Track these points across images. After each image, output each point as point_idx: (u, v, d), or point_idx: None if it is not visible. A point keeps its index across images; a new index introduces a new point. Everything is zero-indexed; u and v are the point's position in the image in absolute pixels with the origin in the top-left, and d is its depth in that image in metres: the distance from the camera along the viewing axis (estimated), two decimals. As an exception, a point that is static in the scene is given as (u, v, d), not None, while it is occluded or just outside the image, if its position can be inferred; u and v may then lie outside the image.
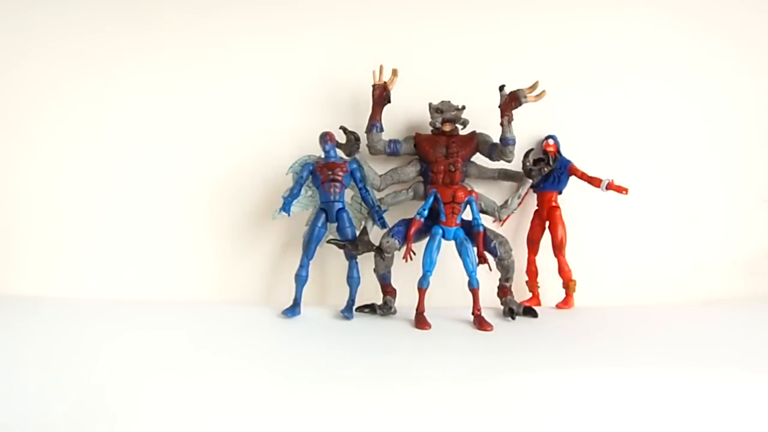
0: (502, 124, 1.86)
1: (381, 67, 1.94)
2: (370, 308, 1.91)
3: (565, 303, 2.03)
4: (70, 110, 2.11)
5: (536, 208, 2.08)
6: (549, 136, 2.06)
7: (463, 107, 1.97)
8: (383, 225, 1.95)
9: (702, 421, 1.12)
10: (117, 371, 1.33)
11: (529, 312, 1.91)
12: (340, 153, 1.93)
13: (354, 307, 1.89)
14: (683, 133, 2.20)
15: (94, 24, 2.10)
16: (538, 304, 2.06)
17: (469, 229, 1.86)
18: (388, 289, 1.94)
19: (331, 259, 2.06)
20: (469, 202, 1.85)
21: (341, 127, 1.93)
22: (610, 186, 1.94)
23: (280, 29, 2.12)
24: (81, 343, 1.55)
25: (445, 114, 1.95)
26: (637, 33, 2.17)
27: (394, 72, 1.94)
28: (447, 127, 1.95)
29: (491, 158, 1.95)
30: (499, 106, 1.86)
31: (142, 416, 1.10)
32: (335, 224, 1.90)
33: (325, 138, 1.90)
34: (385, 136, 1.98)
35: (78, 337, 1.60)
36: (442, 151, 1.95)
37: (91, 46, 2.10)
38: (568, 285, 2.03)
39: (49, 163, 2.12)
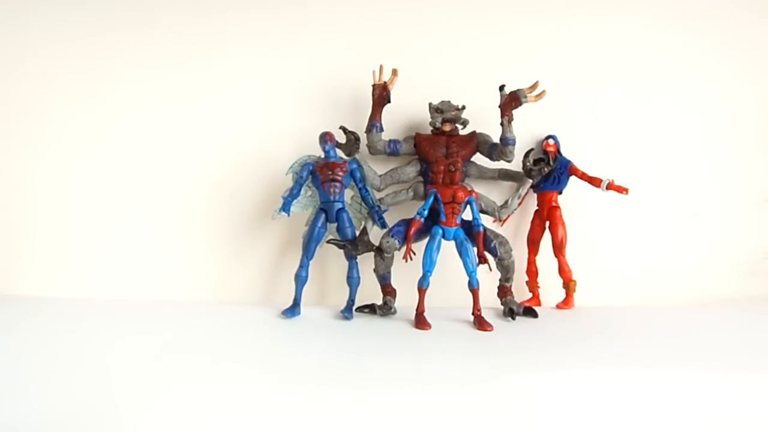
0: (502, 124, 1.85)
1: (381, 67, 1.94)
2: (370, 308, 1.91)
3: (566, 303, 2.03)
4: (72, 112, 2.11)
5: (536, 208, 2.08)
6: (549, 136, 2.05)
7: (463, 107, 1.97)
8: (383, 225, 1.95)
9: (702, 420, 1.12)
10: (117, 371, 1.32)
11: (529, 312, 1.91)
12: (340, 153, 1.93)
13: (354, 308, 1.89)
14: (683, 133, 2.20)
15: (96, 27, 2.10)
16: (539, 304, 2.06)
17: (469, 229, 1.86)
18: (388, 290, 1.93)
19: (331, 260, 2.06)
20: (469, 202, 1.85)
21: (341, 127, 1.93)
22: (610, 186, 1.94)
23: (280, 29, 2.11)
24: (81, 343, 1.54)
25: (445, 114, 1.95)
26: (638, 34, 2.17)
27: (394, 72, 1.94)
28: (447, 127, 1.95)
29: (491, 158, 1.94)
30: (499, 106, 1.86)
31: (142, 416, 1.10)
32: (335, 224, 1.90)
33: (325, 138, 1.90)
34: (385, 136, 1.98)
35: (78, 337, 1.60)
36: (442, 151, 1.95)
37: (94, 48, 2.10)
38: (568, 285, 2.03)
39: (50, 165, 2.11)
